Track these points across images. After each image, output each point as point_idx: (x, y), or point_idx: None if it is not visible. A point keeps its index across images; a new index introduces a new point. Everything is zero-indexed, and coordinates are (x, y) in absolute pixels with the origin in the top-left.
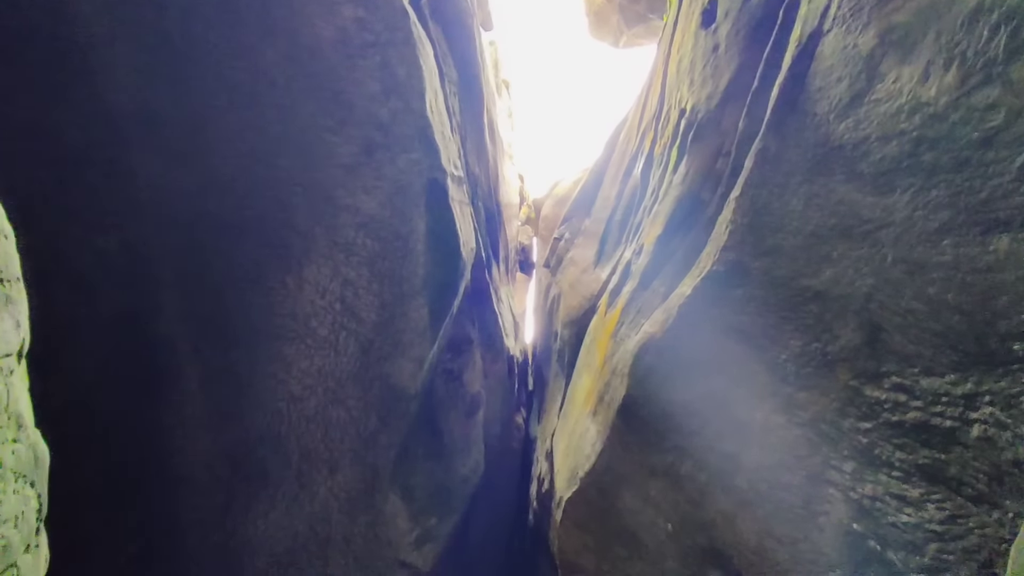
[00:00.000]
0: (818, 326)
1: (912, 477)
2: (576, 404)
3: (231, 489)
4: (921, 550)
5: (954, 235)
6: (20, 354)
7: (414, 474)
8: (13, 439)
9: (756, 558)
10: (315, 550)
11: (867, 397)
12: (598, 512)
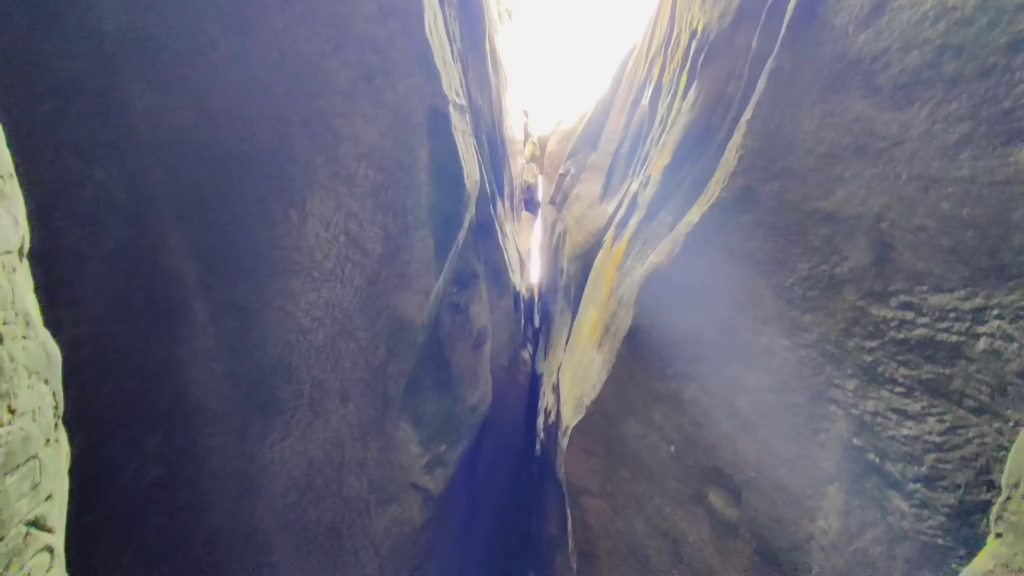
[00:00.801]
0: (827, 248)
1: (914, 392)
2: (582, 337)
3: (246, 417)
4: (919, 461)
5: (973, 147)
6: (21, 253)
7: (423, 403)
8: (23, 336)
9: (756, 475)
10: (331, 474)
11: (873, 316)
12: (603, 438)
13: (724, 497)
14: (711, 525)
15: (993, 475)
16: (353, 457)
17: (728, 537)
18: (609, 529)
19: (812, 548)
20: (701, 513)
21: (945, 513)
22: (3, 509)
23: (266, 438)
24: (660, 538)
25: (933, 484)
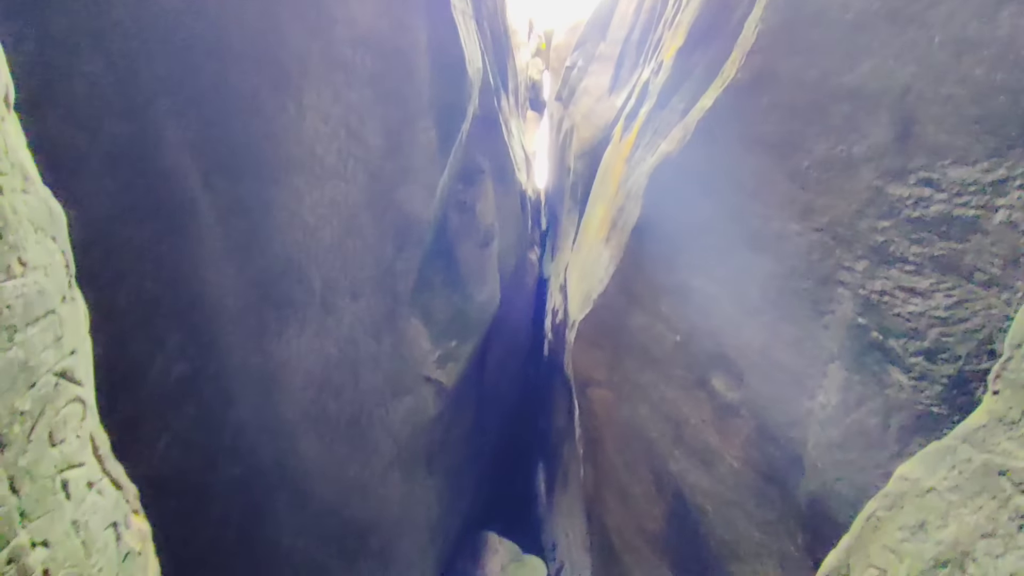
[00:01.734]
0: (846, 127)
1: (924, 269)
2: (589, 234)
3: (262, 316)
4: (922, 336)
5: (1015, 4)
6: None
7: (433, 300)
8: (22, 189)
9: (759, 358)
10: (347, 369)
11: (889, 196)
12: (610, 330)
13: (726, 381)
14: (712, 407)
15: (995, 345)
16: (367, 353)
17: (728, 417)
18: (614, 416)
19: (810, 423)
20: (703, 397)
21: (943, 383)
22: (30, 357)
23: (282, 336)
24: (663, 422)
25: (934, 357)
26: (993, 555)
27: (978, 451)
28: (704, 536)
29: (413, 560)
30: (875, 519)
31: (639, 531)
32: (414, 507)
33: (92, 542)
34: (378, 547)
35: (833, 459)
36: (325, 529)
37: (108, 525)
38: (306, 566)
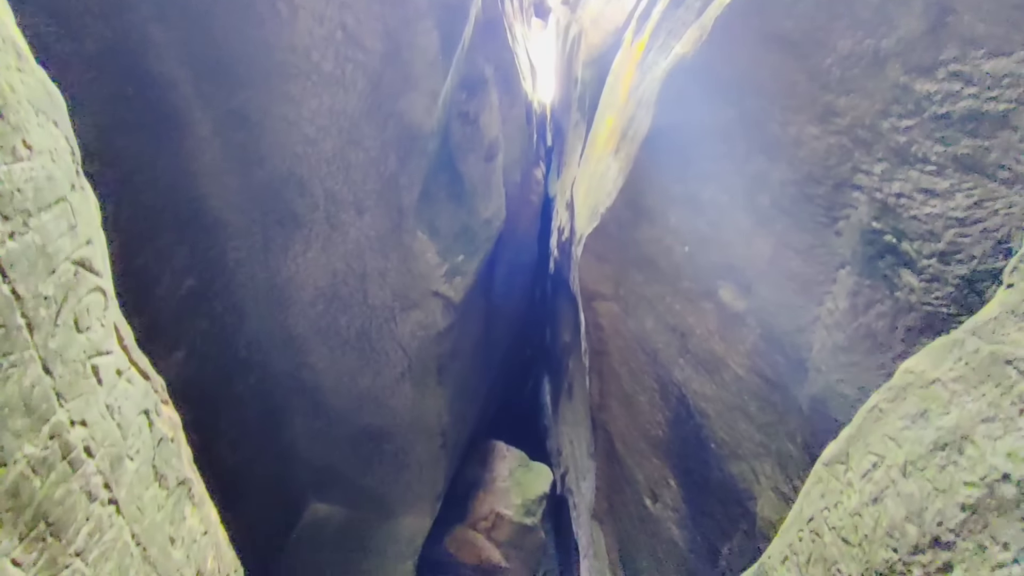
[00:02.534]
0: (876, 19)
1: (946, 169)
2: (597, 146)
3: (266, 231)
4: (938, 237)
5: None
6: None
7: (438, 215)
8: (16, 67)
9: (768, 267)
10: (354, 284)
11: (915, 92)
12: (617, 244)
13: (734, 291)
14: (719, 317)
15: (1012, 243)
16: (374, 267)
17: (734, 326)
18: (620, 329)
19: (816, 328)
20: (710, 308)
21: (954, 284)
22: (47, 243)
23: (288, 251)
24: (668, 333)
25: (947, 258)
26: (992, 437)
27: (986, 342)
28: (705, 439)
29: (425, 465)
30: (877, 410)
31: (642, 436)
32: (425, 415)
33: (127, 426)
34: (392, 452)
35: (837, 362)
36: (340, 436)
37: (140, 412)
38: (325, 470)
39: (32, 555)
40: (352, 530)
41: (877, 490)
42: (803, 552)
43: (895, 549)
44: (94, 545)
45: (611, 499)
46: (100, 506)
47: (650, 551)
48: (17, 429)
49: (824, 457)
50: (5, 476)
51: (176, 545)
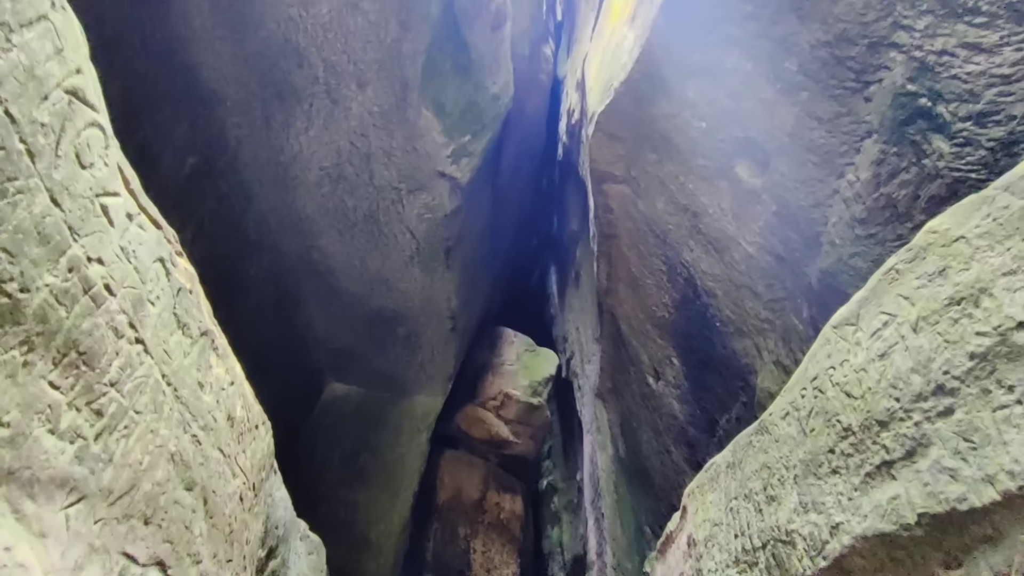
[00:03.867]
0: None
1: (996, 20)
2: (613, 15)
3: (266, 106)
4: (977, 97)
5: None
6: None
7: (443, 88)
8: None
9: (789, 140)
10: (360, 164)
11: None
12: (631, 121)
13: (751, 167)
14: (733, 195)
15: None
16: (379, 147)
17: (748, 204)
18: (631, 211)
19: (834, 202)
20: (724, 186)
21: (988, 147)
22: (35, 65)
23: (290, 128)
24: (680, 214)
25: (985, 120)
26: (1011, 289)
27: (1018, 198)
28: (711, 318)
29: (437, 347)
30: (893, 272)
31: (648, 318)
32: (435, 299)
33: (144, 271)
34: (404, 335)
35: (853, 235)
36: (354, 318)
37: (155, 259)
38: (341, 352)
39: (68, 380)
40: (370, 408)
41: (885, 346)
42: (804, 408)
43: (897, 399)
44: (127, 379)
45: (615, 379)
46: (127, 344)
47: (650, 424)
48: (34, 257)
49: (834, 320)
50: (30, 300)
51: (205, 390)
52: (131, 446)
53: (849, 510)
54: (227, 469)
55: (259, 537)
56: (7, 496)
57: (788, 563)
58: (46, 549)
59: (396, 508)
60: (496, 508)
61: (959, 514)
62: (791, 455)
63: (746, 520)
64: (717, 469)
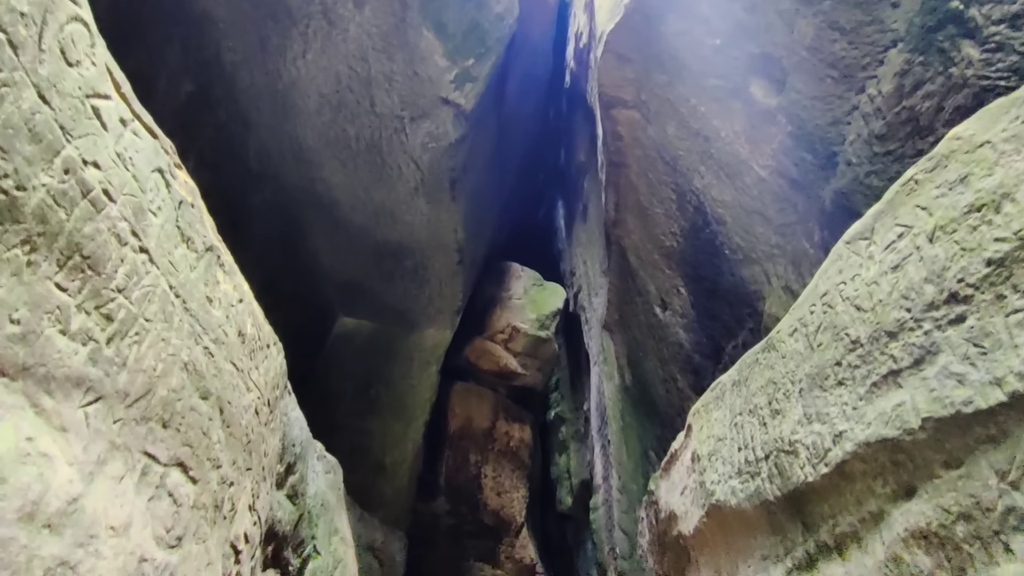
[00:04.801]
0: None
1: None
2: None
3: (260, 29)
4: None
5: None
6: None
7: (445, 8)
8: None
9: (808, 55)
10: (360, 90)
11: None
12: (641, 40)
13: (766, 86)
14: (747, 117)
15: None
16: (379, 71)
17: (762, 125)
18: (640, 138)
19: (853, 119)
20: (738, 107)
21: (1021, 51)
22: None
23: (287, 52)
24: (691, 138)
25: (1019, 22)
26: None
27: None
28: (720, 246)
29: (444, 280)
30: (912, 183)
31: (656, 248)
32: (441, 231)
33: (143, 180)
34: (412, 268)
35: (871, 152)
36: (361, 251)
37: (154, 169)
38: (350, 286)
39: (75, 283)
40: (380, 341)
41: (899, 258)
42: (813, 323)
43: (908, 309)
44: (134, 286)
45: (622, 310)
46: (132, 252)
47: (656, 354)
48: (27, 155)
49: (847, 235)
50: (28, 199)
51: (214, 305)
52: (143, 352)
53: (853, 419)
54: (241, 382)
55: (277, 452)
56: (24, 391)
57: (790, 471)
58: (68, 442)
59: (409, 436)
60: (505, 437)
61: (963, 417)
62: (797, 370)
63: (750, 434)
64: (723, 388)
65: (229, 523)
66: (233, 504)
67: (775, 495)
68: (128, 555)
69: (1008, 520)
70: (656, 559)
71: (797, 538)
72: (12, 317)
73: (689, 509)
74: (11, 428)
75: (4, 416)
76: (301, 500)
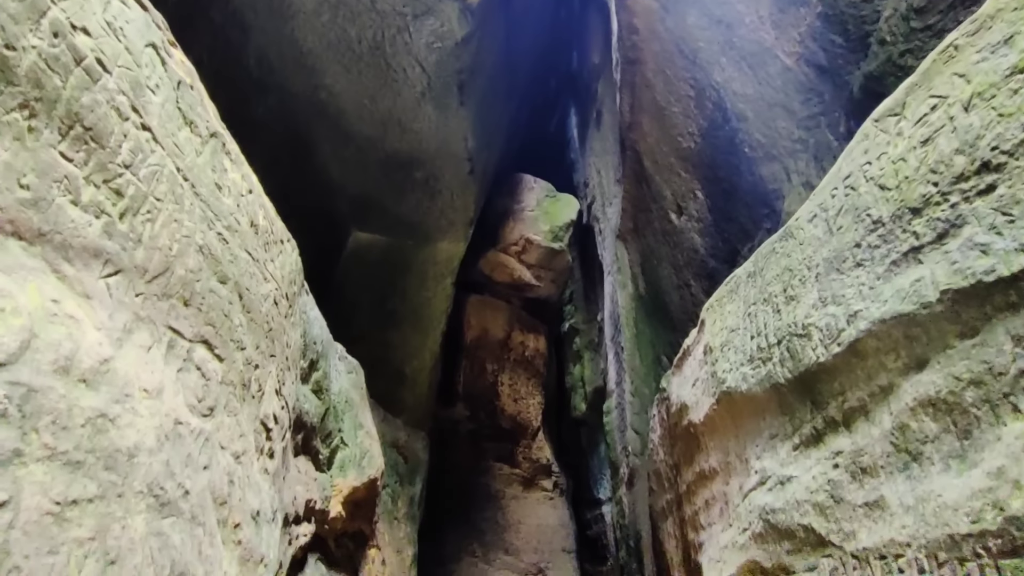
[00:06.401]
0: None
1: None
2: None
3: None
4: None
5: None
6: None
7: None
8: None
9: None
10: None
11: None
12: None
13: None
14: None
15: None
16: None
17: (791, 7)
18: (657, 29)
19: None
20: None
21: None
22: None
23: None
24: (712, 27)
25: None
26: None
27: None
28: (740, 144)
29: (456, 191)
30: (951, 49)
31: (673, 150)
32: (450, 139)
33: (136, 53)
34: (423, 180)
35: (907, 28)
36: (370, 164)
37: (147, 43)
38: (361, 199)
39: (79, 154)
40: (394, 255)
41: (930, 131)
42: (834, 207)
43: (935, 183)
44: (140, 164)
45: (636, 218)
46: (134, 128)
47: (671, 261)
48: (12, 12)
49: (875, 113)
50: (19, 60)
51: (224, 193)
52: (157, 231)
53: (869, 298)
54: (257, 271)
55: (299, 348)
56: (44, 256)
57: (802, 354)
58: (93, 309)
59: (427, 346)
60: (520, 346)
61: (984, 286)
62: (815, 255)
63: (763, 322)
64: (737, 281)
65: (258, 403)
66: (260, 386)
67: (786, 378)
68: (164, 416)
69: (1020, 382)
70: (667, 451)
71: (805, 416)
72: (21, 182)
73: (700, 399)
74: (35, 289)
75: (27, 278)
76: (326, 395)
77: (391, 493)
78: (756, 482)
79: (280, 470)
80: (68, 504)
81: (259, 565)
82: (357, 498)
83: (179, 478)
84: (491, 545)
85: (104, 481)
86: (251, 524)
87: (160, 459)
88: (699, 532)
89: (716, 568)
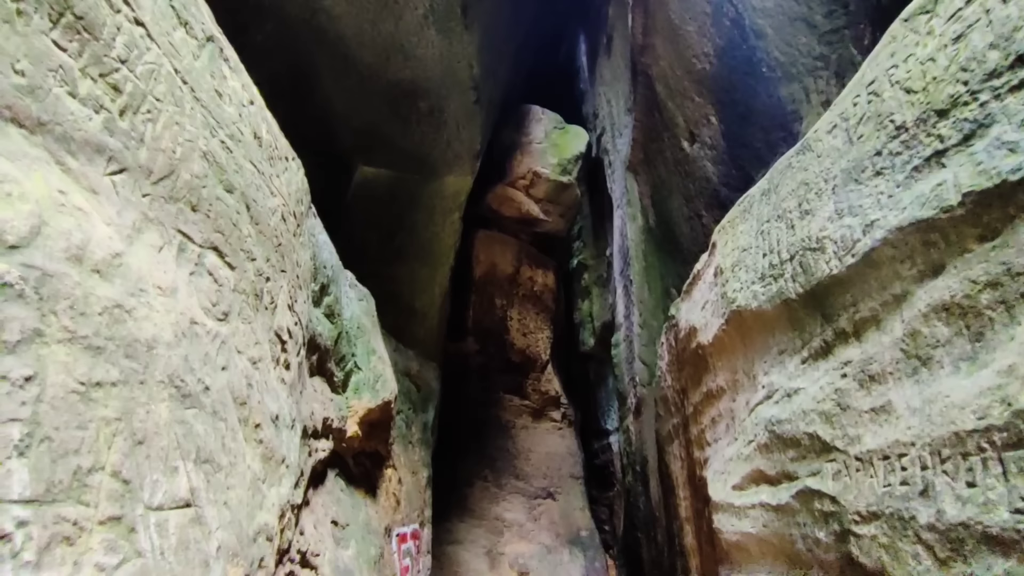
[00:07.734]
0: None
1: None
2: None
3: None
4: None
5: None
6: None
7: None
8: None
9: None
10: None
11: None
12: None
13: None
14: None
15: None
16: None
17: None
18: None
19: None
20: None
21: None
22: None
23: None
24: None
25: None
26: None
27: None
28: (758, 63)
29: (462, 122)
30: None
31: (687, 73)
32: (455, 66)
33: None
34: (428, 110)
35: None
36: (374, 94)
37: None
38: (365, 132)
39: (73, 44)
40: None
41: (963, 27)
42: (855, 116)
43: (965, 82)
44: (136, 60)
45: (647, 148)
46: (127, 22)
47: (682, 191)
48: None
49: (905, 12)
50: None
51: (224, 100)
52: (159, 132)
53: (888, 207)
54: (264, 184)
55: (309, 270)
56: (46, 146)
57: (815, 268)
58: (100, 204)
59: (436, 280)
60: (529, 282)
61: (1009, 185)
62: (833, 167)
63: (776, 238)
64: (751, 200)
65: (271, 314)
66: (272, 298)
67: (797, 292)
68: (179, 315)
69: None
70: (674, 376)
71: (815, 330)
72: (15, 67)
73: (709, 320)
74: (41, 179)
75: (32, 167)
76: (338, 320)
77: (405, 419)
78: (763, 396)
79: (296, 384)
80: (92, 385)
81: (280, 464)
82: (372, 419)
83: (198, 374)
84: (502, 471)
85: (126, 368)
86: (271, 426)
87: (179, 353)
88: (704, 449)
89: (721, 479)
